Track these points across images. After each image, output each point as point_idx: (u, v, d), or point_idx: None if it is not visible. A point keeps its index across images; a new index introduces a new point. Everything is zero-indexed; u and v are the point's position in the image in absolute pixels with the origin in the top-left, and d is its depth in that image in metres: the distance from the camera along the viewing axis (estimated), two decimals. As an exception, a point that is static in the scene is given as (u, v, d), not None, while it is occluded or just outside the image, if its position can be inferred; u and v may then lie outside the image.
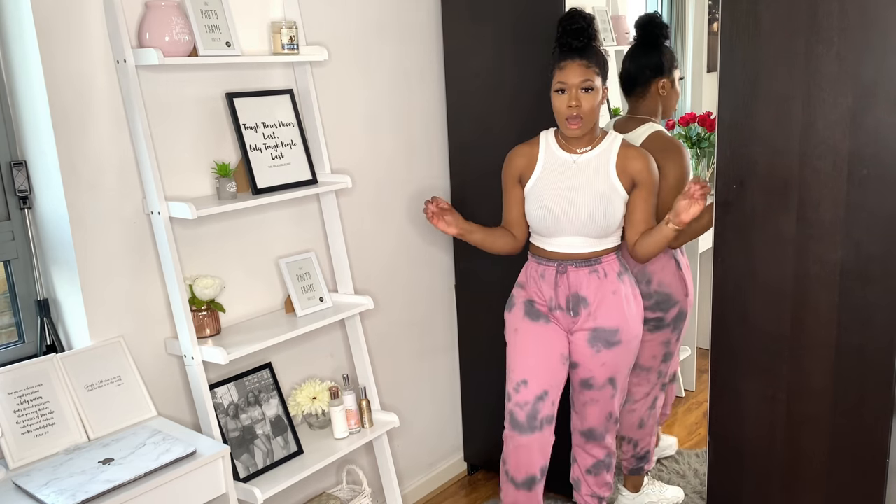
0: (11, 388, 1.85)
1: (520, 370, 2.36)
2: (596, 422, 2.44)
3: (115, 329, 2.06)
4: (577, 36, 2.18)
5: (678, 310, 2.66)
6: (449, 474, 3.21)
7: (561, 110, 2.20)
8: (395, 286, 2.86)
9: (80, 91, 1.93)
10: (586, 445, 2.49)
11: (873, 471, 2.12)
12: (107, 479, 1.72)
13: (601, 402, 2.41)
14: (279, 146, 2.28)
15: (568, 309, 2.33)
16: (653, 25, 2.64)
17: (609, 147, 2.27)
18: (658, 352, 2.70)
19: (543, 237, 2.33)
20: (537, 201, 2.29)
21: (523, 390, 2.35)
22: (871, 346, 2.07)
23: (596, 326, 2.31)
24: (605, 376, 2.37)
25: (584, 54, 2.18)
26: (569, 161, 2.28)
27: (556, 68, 2.21)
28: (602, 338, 2.32)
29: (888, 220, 1.99)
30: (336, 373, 2.65)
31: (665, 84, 2.62)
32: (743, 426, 2.33)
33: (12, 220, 2.01)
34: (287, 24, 2.25)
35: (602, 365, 2.35)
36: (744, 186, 2.19)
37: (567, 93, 2.18)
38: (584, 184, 2.25)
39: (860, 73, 1.96)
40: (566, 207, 2.25)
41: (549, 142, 2.32)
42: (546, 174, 2.29)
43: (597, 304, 2.31)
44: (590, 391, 2.40)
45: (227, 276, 2.30)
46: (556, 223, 2.27)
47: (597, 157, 2.27)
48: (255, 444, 2.24)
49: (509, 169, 2.37)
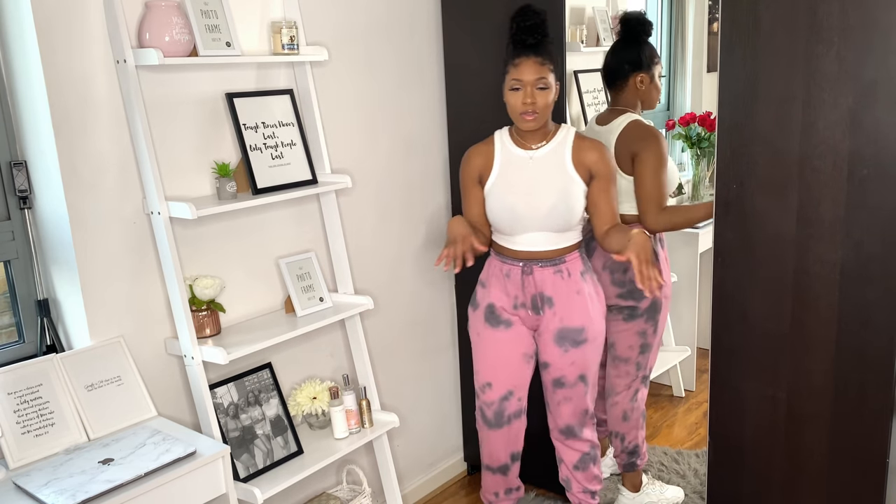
0: (11, 388, 1.85)
1: (483, 373, 2.46)
2: (572, 419, 2.46)
3: (115, 329, 2.06)
4: (531, 33, 2.19)
5: (650, 301, 2.66)
6: (449, 474, 3.21)
7: (516, 106, 2.22)
8: (395, 286, 2.86)
9: (80, 91, 1.93)
10: (567, 441, 2.51)
11: (873, 471, 2.12)
12: (107, 479, 1.72)
13: (574, 400, 2.43)
14: (279, 146, 2.28)
15: (533, 307, 2.36)
16: (635, 22, 2.70)
17: (563, 140, 2.30)
18: (634, 342, 2.72)
19: (507, 235, 2.35)
20: (499, 199, 2.30)
21: (489, 391, 2.46)
22: (871, 346, 2.07)
23: (562, 326, 2.34)
24: (576, 374, 2.39)
25: (539, 51, 2.19)
26: (525, 157, 2.30)
27: (511, 65, 2.21)
28: (569, 337, 2.34)
29: (888, 220, 1.99)
30: (336, 373, 2.65)
31: (643, 78, 2.68)
32: (743, 426, 2.34)
33: (12, 220, 2.01)
34: (287, 24, 2.25)
35: (571, 364, 2.38)
36: (744, 186, 2.19)
37: (522, 90, 2.20)
38: (543, 178, 2.27)
39: (860, 73, 1.96)
40: (528, 201, 2.26)
41: (505, 140, 2.34)
42: (504, 171, 2.31)
43: (561, 304, 2.33)
44: (562, 390, 2.42)
45: (227, 276, 2.30)
46: (520, 219, 2.28)
47: (553, 152, 2.29)
48: (255, 444, 2.24)
49: (468, 169, 2.37)
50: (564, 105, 2.58)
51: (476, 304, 2.45)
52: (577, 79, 3.46)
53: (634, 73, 2.67)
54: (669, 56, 4.40)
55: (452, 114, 2.91)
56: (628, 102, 2.70)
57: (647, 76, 2.68)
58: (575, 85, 3.45)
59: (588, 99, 3.50)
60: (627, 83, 2.68)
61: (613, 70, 2.71)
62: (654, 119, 3.56)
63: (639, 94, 2.70)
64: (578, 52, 3.33)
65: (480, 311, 2.43)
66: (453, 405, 3.19)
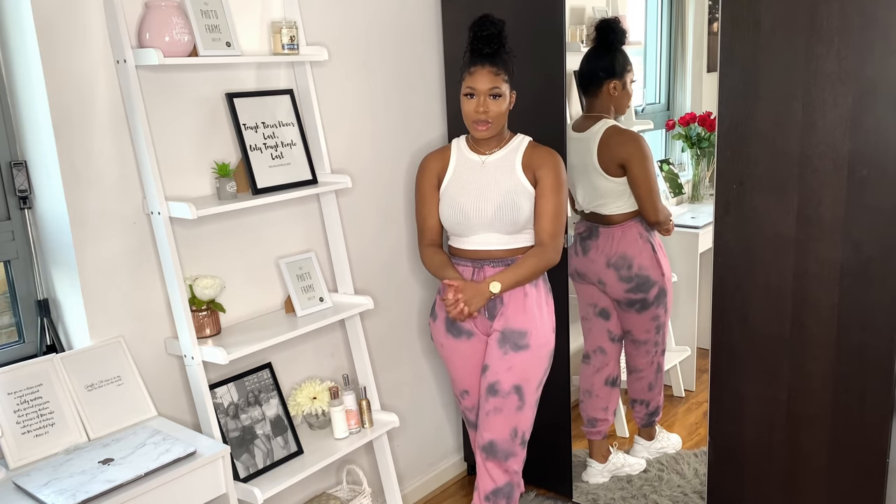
0: (11, 388, 1.85)
1: (458, 381, 2.48)
2: (498, 434, 2.30)
3: (115, 329, 2.06)
4: (488, 42, 2.21)
5: (658, 289, 2.87)
6: (449, 474, 3.21)
7: (469, 114, 2.25)
8: (395, 286, 2.85)
9: (80, 91, 1.93)
10: (487, 464, 2.32)
11: (873, 471, 2.12)
12: (107, 479, 1.72)
13: (504, 412, 2.29)
14: (279, 146, 2.28)
15: (485, 310, 2.33)
16: (609, 30, 2.82)
17: (516, 147, 2.33)
18: (650, 326, 2.92)
19: (459, 237, 2.36)
20: (450, 201, 2.33)
21: (467, 398, 2.49)
22: (871, 346, 2.07)
23: (505, 328, 2.30)
24: (511, 382, 2.28)
25: (494, 61, 2.21)
26: (478, 162, 2.33)
27: (467, 73, 2.24)
28: (510, 339, 2.29)
29: (888, 220, 1.99)
30: (336, 373, 2.65)
31: (616, 85, 2.84)
32: (743, 426, 2.34)
33: (12, 220, 2.01)
34: (287, 24, 2.25)
35: (508, 369, 2.28)
36: (744, 186, 2.19)
37: (476, 98, 2.22)
38: (491, 181, 2.29)
39: (860, 73, 1.96)
40: (475, 203, 2.29)
41: (461, 146, 2.38)
42: (457, 175, 2.34)
43: (508, 304, 2.30)
44: (494, 398, 2.30)
45: (227, 276, 2.30)
46: (467, 220, 2.30)
47: (504, 157, 2.32)
48: (255, 444, 2.24)
49: (426, 173, 2.38)
50: (564, 104, 2.59)
51: (435, 314, 2.44)
52: (576, 79, 3.45)
53: (608, 79, 2.82)
54: (669, 56, 4.39)
55: (452, 114, 2.91)
56: (602, 108, 2.86)
57: (620, 83, 2.84)
58: (575, 85, 3.45)
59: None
60: (601, 89, 2.84)
61: (588, 77, 2.87)
62: (654, 119, 3.56)
63: (612, 100, 2.86)
64: (578, 52, 3.32)
65: (440, 322, 2.41)
66: (453, 405, 3.19)
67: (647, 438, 3.17)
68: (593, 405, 3.02)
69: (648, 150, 2.76)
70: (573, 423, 2.86)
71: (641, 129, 3.46)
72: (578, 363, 3.06)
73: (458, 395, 2.52)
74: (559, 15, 2.49)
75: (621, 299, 2.88)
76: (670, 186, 3.65)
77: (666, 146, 3.75)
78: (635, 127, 3.34)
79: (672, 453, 3.17)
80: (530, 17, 2.59)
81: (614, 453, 3.09)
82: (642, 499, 2.92)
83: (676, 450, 3.19)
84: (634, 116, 3.33)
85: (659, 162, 3.64)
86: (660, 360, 3.02)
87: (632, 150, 2.74)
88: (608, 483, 3.03)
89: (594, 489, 2.99)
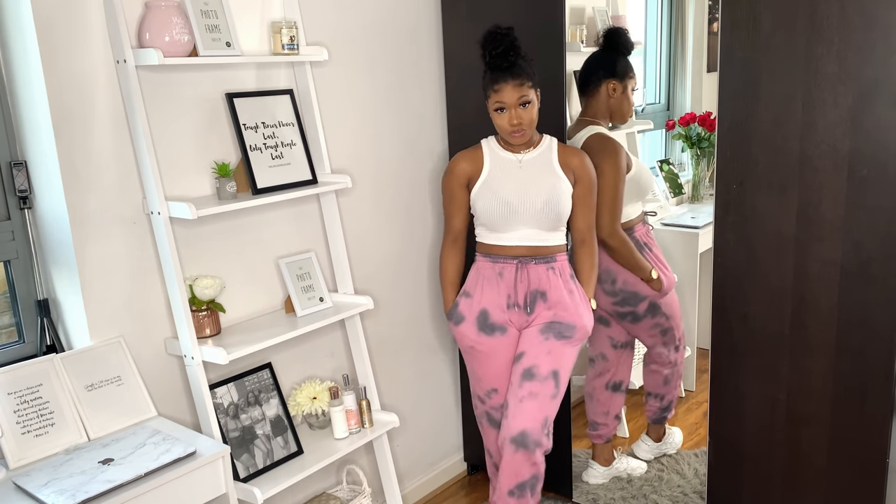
0: (11, 388, 1.85)
1: (487, 380, 2.45)
2: (531, 422, 2.26)
3: (115, 329, 2.06)
4: (505, 57, 2.23)
5: (648, 303, 2.79)
6: (449, 474, 3.21)
7: (504, 127, 2.27)
8: (395, 286, 2.85)
9: (80, 91, 1.93)
10: (516, 455, 2.28)
11: (873, 471, 2.12)
12: (107, 479, 1.72)
13: (540, 398, 2.28)
14: (279, 146, 2.28)
15: (525, 306, 2.36)
16: (616, 36, 2.76)
17: (549, 147, 2.37)
18: (653, 332, 2.89)
19: (498, 233, 2.36)
20: (492, 195, 2.32)
21: (495, 396, 2.45)
22: (871, 346, 2.07)
23: (554, 320, 2.34)
24: (550, 367, 2.30)
25: (515, 72, 2.23)
26: (514, 161, 2.35)
27: (492, 90, 2.25)
28: (556, 329, 2.33)
29: (888, 220, 1.99)
30: (336, 373, 2.65)
31: (615, 86, 2.73)
32: (743, 426, 2.34)
33: (12, 220, 2.01)
34: (287, 24, 2.25)
35: (548, 353, 2.32)
36: (744, 186, 2.19)
37: (507, 111, 2.25)
38: (533, 177, 2.32)
39: (860, 73, 1.96)
40: (522, 197, 2.30)
41: (492, 146, 2.39)
42: (495, 171, 2.35)
43: (555, 300, 2.34)
44: (530, 382, 2.29)
45: (227, 276, 2.30)
46: (514, 214, 2.31)
47: (540, 156, 2.35)
48: (255, 444, 2.24)
49: (455, 174, 2.38)
50: (564, 105, 2.58)
51: (460, 317, 2.42)
52: (576, 79, 3.46)
53: (607, 79, 2.72)
54: (669, 56, 4.39)
55: (452, 114, 2.91)
56: (597, 113, 2.76)
57: (620, 85, 2.73)
58: (575, 85, 3.45)
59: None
60: (599, 90, 2.75)
61: (587, 74, 2.78)
62: (654, 119, 3.56)
63: (609, 103, 2.75)
64: (578, 52, 3.33)
65: (471, 322, 2.39)
66: (453, 405, 3.19)
67: (654, 440, 3.14)
68: (594, 409, 3.02)
69: (621, 164, 2.57)
70: (573, 423, 2.86)
71: (641, 129, 3.47)
72: (578, 364, 3.06)
73: (481, 396, 2.48)
74: (559, 15, 2.49)
75: (610, 311, 2.85)
76: (670, 186, 3.65)
77: (666, 146, 3.76)
78: (635, 127, 3.34)
79: (672, 453, 3.16)
80: (530, 17, 2.59)
81: (618, 459, 3.06)
82: (642, 499, 2.92)
83: (676, 450, 3.18)
84: (634, 116, 3.33)
85: (659, 162, 3.64)
86: (675, 356, 2.98)
87: (602, 157, 2.55)
88: (608, 483, 3.03)
89: (594, 489, 2.99)
